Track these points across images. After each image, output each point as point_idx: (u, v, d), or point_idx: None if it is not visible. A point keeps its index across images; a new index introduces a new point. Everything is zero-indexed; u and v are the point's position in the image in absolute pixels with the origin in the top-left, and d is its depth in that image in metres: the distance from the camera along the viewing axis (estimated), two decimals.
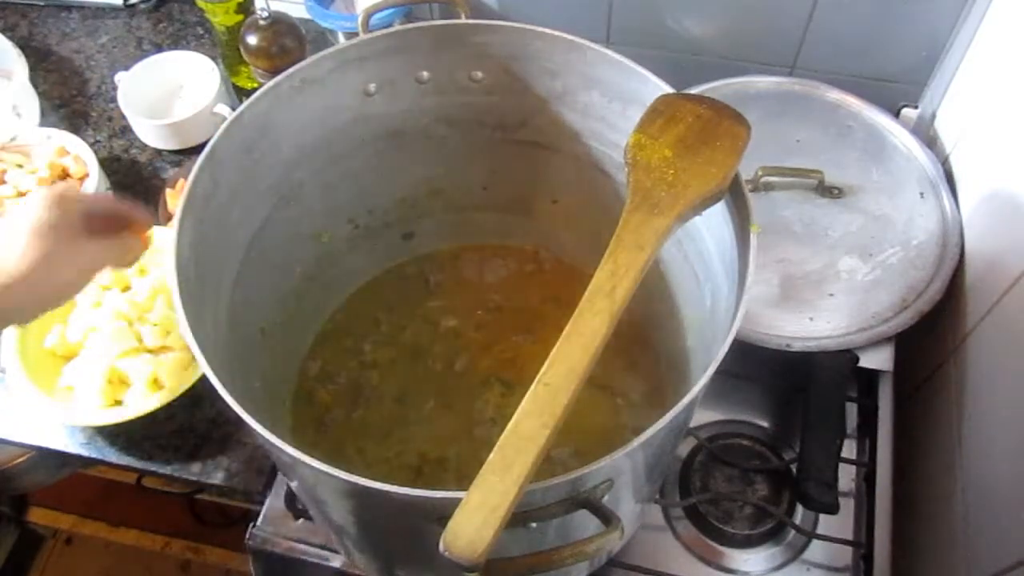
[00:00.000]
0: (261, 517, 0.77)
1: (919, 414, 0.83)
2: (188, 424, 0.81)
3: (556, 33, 0.63)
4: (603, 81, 0.64)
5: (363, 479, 0.45)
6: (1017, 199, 0.71)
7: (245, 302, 0.65)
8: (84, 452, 0.80)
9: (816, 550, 0.75)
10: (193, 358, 0.67)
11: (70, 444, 0.81)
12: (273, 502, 0.77)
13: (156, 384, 0.79)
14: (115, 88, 1.05)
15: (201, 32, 1.14)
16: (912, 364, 0.84)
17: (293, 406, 0.76)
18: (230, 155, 0.60)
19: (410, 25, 0.64)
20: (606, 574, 0.73)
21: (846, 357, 0.77)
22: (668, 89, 0.59)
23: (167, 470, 0.79)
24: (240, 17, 0.96)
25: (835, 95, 0.93)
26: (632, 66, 0.61)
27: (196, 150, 0.94)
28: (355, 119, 0.68)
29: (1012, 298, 0.67)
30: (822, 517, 0.75)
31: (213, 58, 1.03)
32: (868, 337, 0.77)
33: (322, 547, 0.75)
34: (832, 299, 0.79)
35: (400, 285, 0.83)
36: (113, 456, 0.80)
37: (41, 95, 1.06)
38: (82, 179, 0.93)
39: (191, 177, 0.56)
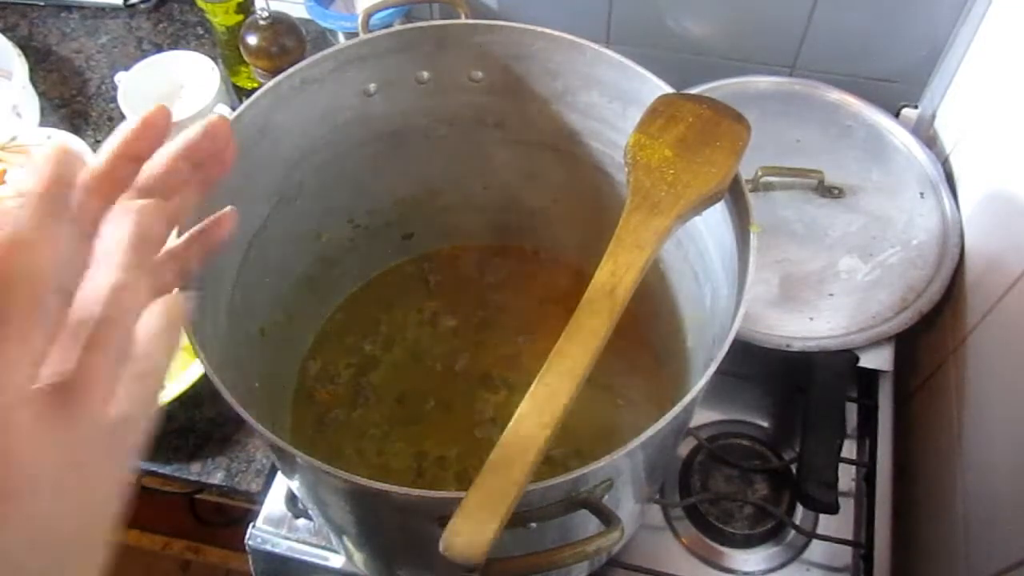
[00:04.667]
0: (261, 517, 0.77)
1: (919, 414, 0.83)
2: (188, 424, 0.81)
3: (556, 33, 0.63)
4: (603, 81, 0.64)
5: (363, 479, 0.44)
6: (1017, 199, 0.71)
7: (245, 302, 0.65)
8: None
9: (816, 550, 0.75)
10: (193, 358, 0.67)
11: None
12: (273, 502, 0.77)
13: None
14: (115, 88, 1.05)
15: (201, 32, 1.14)
16: (912, 364, 0.84)
17: (293, 406, 0.76)
18: None
19: (410, 25, 0.64)
20: (606, 574, 0.73)
21: (846, 357, 0.77)
22: (668, 89, 0.59)
23: (167, 470, 0.79)
24: (240, 17, 0.96)
25: (835, 95, 0.93)
26: (632, 66, 0.61)
27: None
28: (355, 119, 0.68)
29: (1012, 298, 0.67)
30: (822, 517, 0.75)
31: (213, 58, 1.03)
32: (868, 337, 0.77)
33: (322, 547, 0.75)
34: (832, 299, 0.79)
35: (400, 285, 0.83)
36: None
37: (41, 95, 1.06)
38: None
39: None
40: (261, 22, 0.91)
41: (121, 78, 1.03)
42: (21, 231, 0.26)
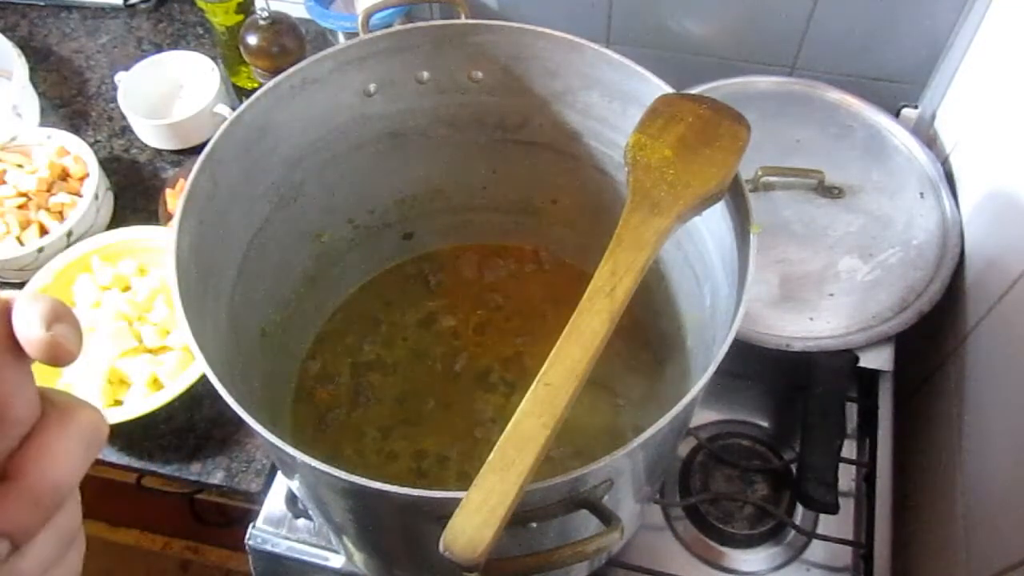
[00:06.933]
0: (261, 517, 0.77)
1: (919, 414, 0.83)
2: (188, 424, 0.81)
3: (556, 33, 0.63)
4: (603, 81, 0.64)
5: (363, 479, 0.44)
6: (1017, 199, 0.71)
7: (245, 302, 0.65)
8: None
9: (816, 550, 0.75)
10: (193, 358, 0.67)
11: None
12: (273, 502, 0.77)
13: (156, 384, 0.79)
14: (115, 88, 1.05)
15: (201, 32, 1.14)
16: (912, 364, 0.84)
17: (293, 406, 0.76)
18: (230, 155, 0.60)
19: (410, 25, 0.64)
20: (606, 574, 0.73)
21: (846, 357, 0.77)
22: (668, 89, 0.59)
23: (167, 470, 0.79)
24: (240, 17, 0.96)
25: (835, 95, 0.93)
26: (632, 66, 0.61)
27: (196, 150, 0.94)
28: (355, 119, 0.68)
29: (1012, 298, 0.67)
30: (822, 517, 0.75)
31: (213, 58, 1.03)
32: (868, 337, 0.77)
33: (322, 547, 0.75)
34: (832, 299, 0.79)
35: (400, 285, 0.83)
36: (113, 456, 0.80)
37: (41, 95, 1.06)
38: (82, 179, 0.93)
39: (191, 177, 0.56)
40: (261, 22, 0.91)
41: (121, 78, 1.03)
42: None
